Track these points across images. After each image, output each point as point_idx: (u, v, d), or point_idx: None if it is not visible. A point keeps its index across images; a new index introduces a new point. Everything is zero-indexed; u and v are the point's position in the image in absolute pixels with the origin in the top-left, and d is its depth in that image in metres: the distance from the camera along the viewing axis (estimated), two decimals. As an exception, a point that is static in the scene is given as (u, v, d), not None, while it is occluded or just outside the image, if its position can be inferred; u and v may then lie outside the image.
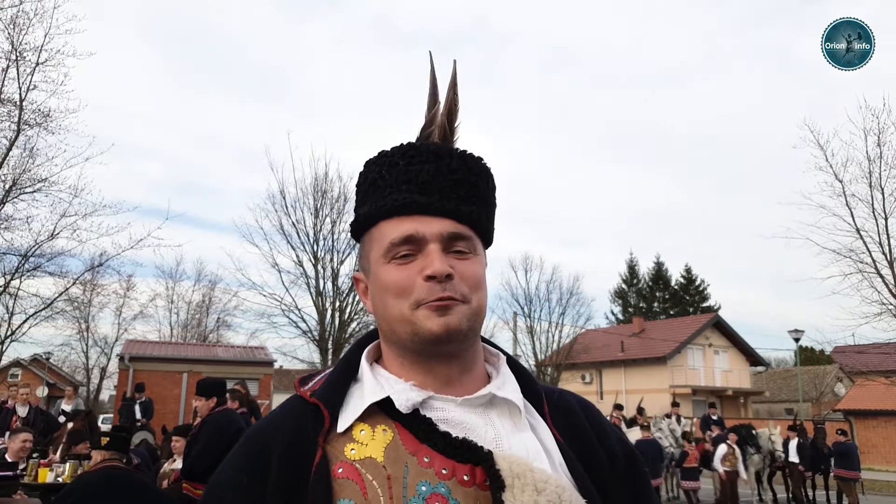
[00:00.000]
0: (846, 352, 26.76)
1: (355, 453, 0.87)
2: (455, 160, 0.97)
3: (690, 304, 51.49)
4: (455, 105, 1.04)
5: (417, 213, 0.93)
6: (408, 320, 0.91)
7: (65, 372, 36.41)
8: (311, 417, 0.91)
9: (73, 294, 19.34)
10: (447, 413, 0.91)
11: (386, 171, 0.97)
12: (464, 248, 0.94)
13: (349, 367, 0.99)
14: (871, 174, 16.07)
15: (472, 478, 0.85)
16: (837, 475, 12.78)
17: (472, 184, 0.97)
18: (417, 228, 0.92)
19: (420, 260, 0.92)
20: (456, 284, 0.91)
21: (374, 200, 0.97)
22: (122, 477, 4.13)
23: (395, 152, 0.98)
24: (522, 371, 1.03)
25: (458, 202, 0.94)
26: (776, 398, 39.31)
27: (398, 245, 0.92)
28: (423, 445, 0.87)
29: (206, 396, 5.42)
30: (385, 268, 0.93)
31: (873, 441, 25.17)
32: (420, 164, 0.95)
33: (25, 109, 14.61)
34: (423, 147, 0.98)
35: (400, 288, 0.91)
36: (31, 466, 6.55)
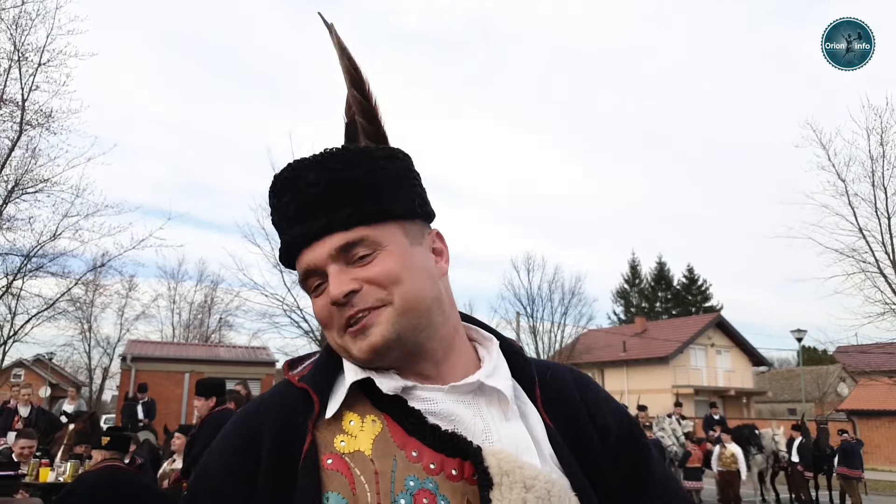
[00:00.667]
0: (849, 352, 26.72)
1: (345, 445, 0.86)
2: (312, 172, 0.91)
3: (693, 303, 51.43)
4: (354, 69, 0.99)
5: (304, 246, 0.91)
6: (342, 347, 0.91)
7: (67, 372, 36.49)
8: (300, 402, 0.90)
9: (75, 294, 19.40)
10: (435, 404, 0.89)
11: (272, 215, 0.96)
12: (363, 251, 0.89)
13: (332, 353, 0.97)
14: (874, 173, 16.07)
15: (461, 472, 0.84)
16: (840, 473, 12.76)
17: (337, 185, 0.90)
18: (309, 261, 0.90)
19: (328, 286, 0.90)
20: (366, 294, 0.88)
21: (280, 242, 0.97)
22: (122, 477, 4.13)
23: (269, 191, 0.96)
24: (516, 354, 1.00)
25: (330, 213, 0.89)
26: (779, 398, 39.27)
27: (305, 281, 0.93)
28: (411, 438, 0.86)
29: (206, 396, 5.44)
30: (312, 300, 0.93)
31: (876, 441, 25.11)
32: (282, 196, 0.93)
33: (28, 110, 14.66)
34: (282, 175, 0.94)
35: (321, 318, 0.92)
36: (32, 466, 6.55)
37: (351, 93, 0.98)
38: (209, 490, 0.88)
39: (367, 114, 0.98)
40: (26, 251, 15.40)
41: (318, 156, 0.93)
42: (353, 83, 0.98)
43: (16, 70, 14.45)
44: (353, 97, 0.98)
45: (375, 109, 0.99)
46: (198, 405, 5.43)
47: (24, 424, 9.86)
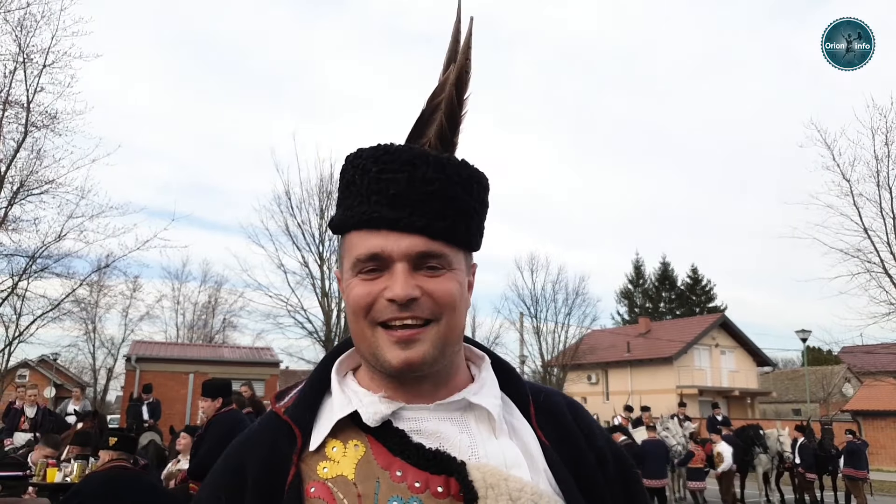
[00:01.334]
0: (854, 352, 26.68)
1: (327, 472, 0.86)
2: (431, 170, 0.88)
3: (697, 304, 51.31)
4: (466, 72, 0.95)
5: (386, 228, 0.87)
6: (369, 341, 0.89)
7: (72, 373, 36.58)
8: (285, 434, 0.90)
9: (80, 295, 19.44)
10: (420, 423, 0.89)
11: (358, 177, 0.90)
12: (436, 264, 0.88)
13: (320, 381, 0.97)
14: (879, 173, 16.00)
15: (447, 489, 0.84)
16: (846, 474, 12.73)
17: (449, 196, 0.89)
18: (384, 246, 0.87)
19: (386, 278, 0.87)
20: (422, 305, 0.86)
21: (346, 207, 0.92)
22: (129, 477, 4.15)
23: (368, 155, 0.90)
24: (508, 372, 1.00)
25: (431, 218, 0.87)
26: (783, 399, 39.15)
27: (364, 261, 0.88)
28: (396, 458, 0.86)
29: (212, 397, 5.46)
30: (352, 281, 0.90)
31: (882, 442, 25.04)
32: (392, 173, 0.88)
33: (33, 111, 14.71)
34: (398, 153, 0.89)
35: (359, 305, 0.88)
36: (39, 466, 6.58)
37: (450, 90, 0.93)
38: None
39: (452, 118, 0.94)
40: (31, 252, 15.46)
41: (440, 157, 0.90)
42: (458, 82, 0.94)
43: (21, 71, 14.52)
44: (450, 96, 0.93)
45: (462, 119, 0.96)
46: (204, 406, 5.45)
47: (31, 425, 9.91)
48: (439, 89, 0.95)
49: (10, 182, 14.82)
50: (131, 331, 33.04)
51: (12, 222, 15.12)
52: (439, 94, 0.95)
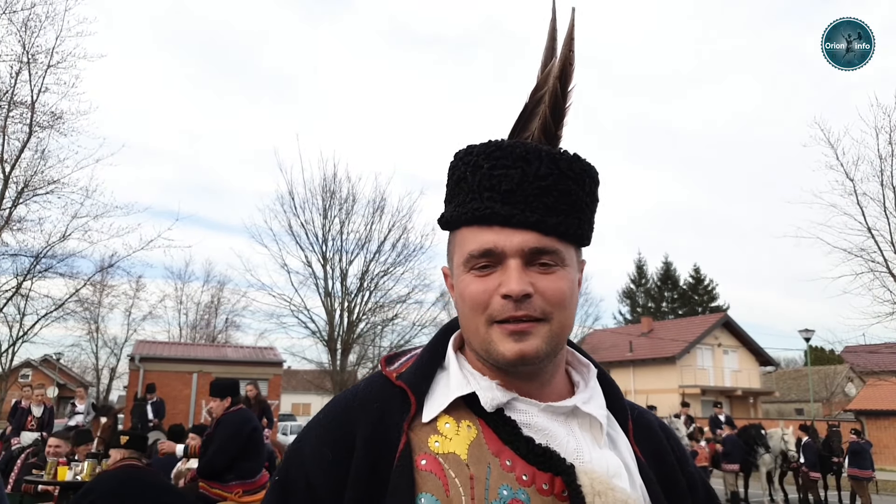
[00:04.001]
0: (857, 351, 26.60)
1: (439, 446, 0.86)
2: (544, 165, 0.87)
3: (699, 303, 51.29)
4: (570, 64, 0.93)
5: (498, 224, 0.86)
6: (482, 337, 0.88)
7: (75, 373, 36.64)
8: (397, 401, 0.89)
9: (83, 295, 19.50)
10: (530, 417, 0.89)
11: (469, 173, 0.90)
12: (549, 261, 0.87)
13: (436, 352, 0.96)
14: (883, 172, 15.92)
15: (551, 487, 0.83)
16: (851, 474, 12.72)
17: (562, 191, 0.88)
18: (497, 242, 0.86)
19: (499, 273, 0.87)
20: (535, 303, 0.86)
21: (458, 202, 0.92)
22: (141, 475, 4.17)
23: (480, 151, 0.90)
24: (610, 385, 1.01)
25: (544, 213, 0.87)
26: (786, 398, 39.13)
27: (476, 257, 0.88)
28: (505, 447, 0.86)
29: (221, 397, 5.46)
30: (464, 277, 0.90)
31: (885, 441, 25.01)
32: (504, 168, 0.87)
33: (37, 111, 14.77)
34: (510, 148, 0.89)
35: (476, 302, 0.88)
36: (50, 464, 6.61)
37: (554, 83, 0.92)
38: (302, 480, 0.88)
39: (556, 112, 0.93)
40: (36, 252, 15.51)
41: (553, 152, 0.89)
42: (561, 75, 0.92)
43: (25, 72, 14.57)
44: (553, 89, 0.92)
45: (566, 111, 0.94)
46: (212, 406, 5.46)
47: (38, 424, 9.95)
48: (542, 82, 0.94)
49: (15, 182, 14.89)
50: (134, 330, 33.06)
51: (17, 222, 15.18)
52: (542, 87, 0.94)
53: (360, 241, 20.39)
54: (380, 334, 21.18)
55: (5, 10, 14.09)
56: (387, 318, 20.83)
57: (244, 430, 5.23)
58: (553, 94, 0.92)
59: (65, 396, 28.24)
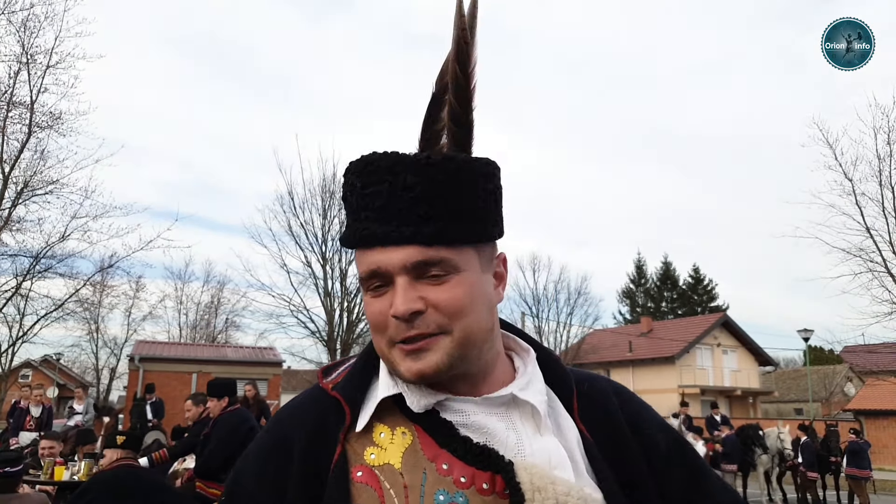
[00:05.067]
0: (856, 351, 26.61)
1: (375, 458, 0.86)
2: (411, 174, 0.83)
3: (699, 303, 51.30)
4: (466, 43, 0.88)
5: (378, 244, 0.84)
6: (386, 357, 0.88)
7: (75, 373, 36.64)
8: (332, 412, 0.90)
9: (83, 295, 19.49)
10: (467, 416, 0.88)
11: (349, 193, 0.88)
12: (438, 271, 0.84)
13: (369, 361, 0.95)
14: (881, 173, 15.97)
15: (492, 486, 0.82)
16: (849, 474, 12.73)
17: (435, 196, 0.83)
18: (380, 262, 0.84)
19: (391, 293, 0.85)
20: (429, 318, 0.83)
21: (347, 224, 0.90)
22: (138, 475, 4.18)
23: (354, 170, 0.87)
24: (553, 364, 0.98)
25: (419, 224, 0.83)
26: (785, 398, 39.14)
27: (367, 279, 0.87)
28: (442, 451, 0.85)
29: (218, 397, 5.49)
30: (365, 297, 0.89)
31: (884, 441, 25.03)
32: (375, 185, 0.84)
33: (36, 112, 14.79)
34: (378, 162, 0.85)
35: (375, 324, 0.87)
36: (46, 464, 6.62)
37: (452, 66, 0.88)
38: (245, 493, 0.90)
39: (461, 95, 0.89)
40: (35, 252, 15.55)
41: (420, 158, 0.85)
42: (458, 56, 0.88)
43: (25, 72, 14.60)
44: (454, 72, 0.88)
45: (471, 93, 0.89)
46: (210, 405, 5.49)
47: (36, 425, 9.97)
48: (444, 69, 0.92)
49: (15, 182, 14.93)
50: (134, 331, 33.10)
51: (16, 222, 15.22)
52: (444, 74, 0.91)
53: (359, 241, 20.42)
54: (379, 334, 21.20)
55: (4, 10, 14.16)
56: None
57: (241, 429, 5.26)
58: (454, 77, 0.88)
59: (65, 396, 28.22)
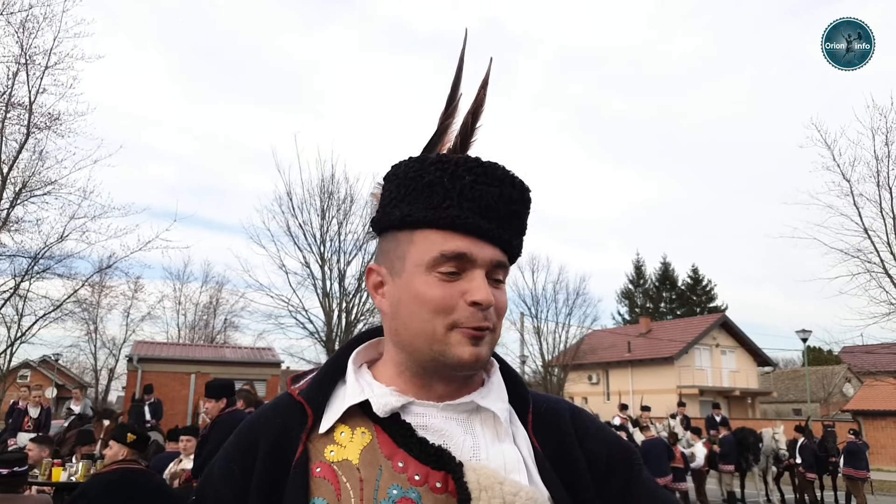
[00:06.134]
0: (854, 352, 26.68)
1: (334, 455, 0.90)
2: (515, 190, 0.95)
3: (697, 304, 51.29)
4: (481, 105, 1.01)
5: (475, 235, 0.91)
6: (439, 339, 0.90)
7: (73, 373, 36.60)
8: (297, 415, 0.95)
9: (81, 296, 19.37)
10: (427, 420, 0.93)
11: (448, 180, 0.92)
12: (501, 277, 0.95)
13: (335, 368, 1.01)
14: (879, 173, 15.94)
15: (445, 485, 0.87)
16: (845, 474, 12.74)
17: (522, 216, 0.98)
18: (471, 250, 0.91)
19: (463, 282, 0.90)
20: (491, 313, 0.92)
21: (427, 205, 0.92)
22: (138, 476, 4.20)
23: (461, 163, 0.93)
24: (514, 379, 1.04)
25: (511, 233, 0.95)
26: (784, 398, 39.16)
27: (448, 259, 0.90)
28: (399, 450, 0.90)
29: (216, 398, 5.48)
30: (425, 278, 0.91)
31: (882, 441, 25.05)
32: (486, 185, 0.92)
33: (35, 112, 14.74)
34: (491, 167, 0.94)
35: (440, 306, 0.90)
36: (44, 465, 6.62)
37: (466, 118, 1.00)
38: (213, 493, 0.96)
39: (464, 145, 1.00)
40: (33, 253, 15.48)
41: (521, 180, 0.97)
42: (473, 113, 1.00)
43: (23, 73, 14.57)
44: (465, 124, 1.00)
45: (470, 145, 1.01)
46: (208, 406, 5.49)
47: (34, 426, 9.97)
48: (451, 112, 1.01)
49: (13, 183, 14.87)
50: (132, 331, 33.05)
51: (15, 223, 15.16)
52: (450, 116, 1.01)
53: (358, 241, 20.41)
54: (378, 335, 21.19)
55: (3, 11, 14.11)
56: (385, 319, 20.84)
57: (239, 430, 5.26)
58: (464, 128, 1.00)
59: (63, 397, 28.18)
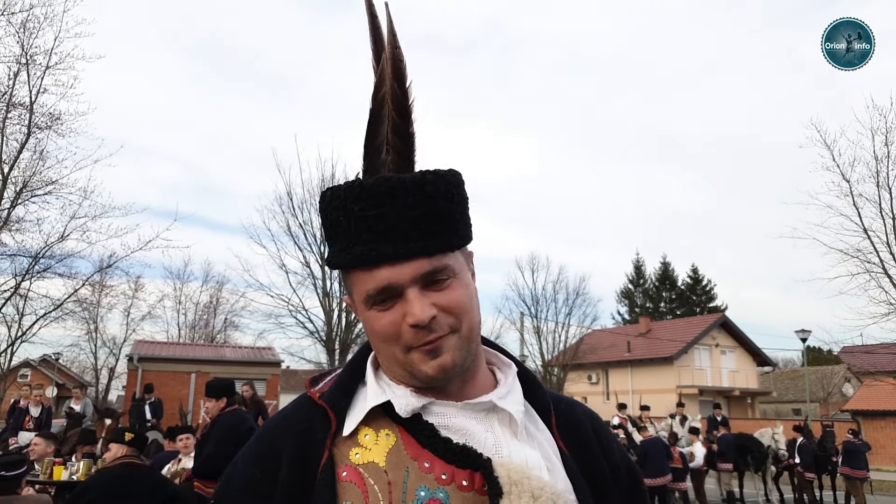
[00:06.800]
0: (854, 352, 26.66)
1: (359, 457, 0.91)
2: (412, 195, 0.89)
3: (697, 304, 51.28)
4: (400, 60, 0.95)
5: (387, 262, 0.89)
6: (402, 362, 0.92)
7: (74, 372, 36.61)
8: (319, 419, 0.95)
9: (82, 295, 19.42)
10: (448, 419, 0.93)
11: (343, 217, 0.91)
12: (441, 277, 0.91)
13: (355, 371, 1.01)
14: (879, 174, 15.98)
15: (471, 483, 0.88)
16: (843, 473, 12.76)
17: (434, 213, 0.90)
18: (391, 278, 0.89)
19: (401, 304, 0.90)
20: (441, 320, 0.90)
21: (340, 246, 0.92)
22: (140, 472, 4.23)
23: (346, 195, 0.91)
24: (531, 381, 1.05)
25: (426, 240, 0.89)
26: (783, 398, 39.17)
27: (375, 295, 0.91)
28: (424, 450, 0.90)
29: (217, 397, 5.50)
30: (369, 313, 0.92)
31: (881, 441, 25.07)
32: (376, 208, 0.88)
33: (36, 112, 14.78)
34: (374, 187, 0.89)
35: (388, 335, 0.91)
36: (45, 464, 6.64)
37: (391, 84, 0.94)
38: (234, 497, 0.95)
39: (402, 110, 0.95)
40: (34, 252, 15.53)
41: (414, 179, 0.90)
42: (395, 74, 0.95)
43: (24, 73, 14.60)
44: (392, 89, 0.94)
45: (411, 108, 0.96)
46: (208, 406, 5.50)
47: (35, 425, 9.99)
48: (379, 83, 0.96)
49: (14, 183, 14.92)
50: (133, 330, 33.05)
51: (15, 223, 15.21)
52: (380, 87, 0.95)
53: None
54: (378, 334, 21.21)
55: (4, 11, 14.15)
56: (385, 319, 20.86)
57: (240, 430, 5.27)
58: (393, 94, 0.94)
59: (63, 396, 28.18)
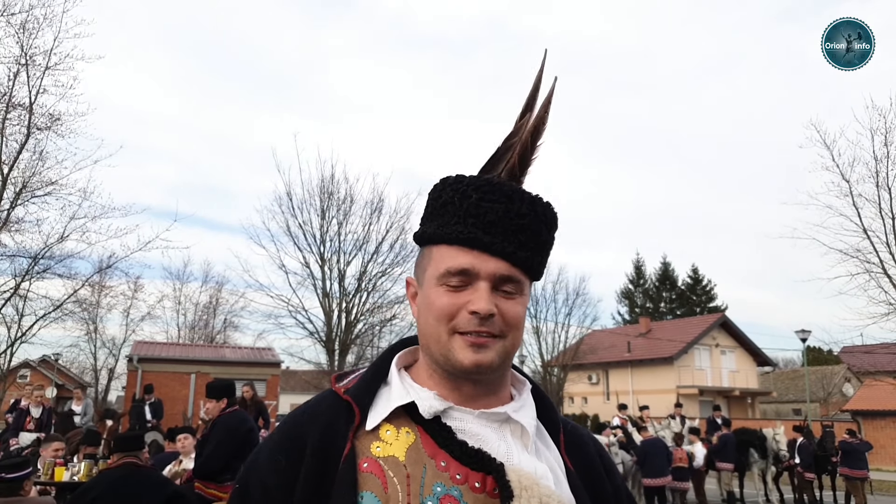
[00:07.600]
0: (854, 352, 26.69)
1: (380, 451, 0.96)
2: (525, 205, 1.00)
3: (697, 304, 51.29)
4: (543, 123, 1.07)
5: (478, 248, 0.98)
6: (443, 344, 0.99)
7: (73, 373, 36.59)
8: (343, 413, 1.00)
9: (81, 296, 19.40)
10: (465, 424, 0.99)
11: (458, 199, 1.00)
12: (511, 289, 1.00)
13: (379, 370, 1.07)
14: (878, 174, 15.98)
15: (483, 485, 0.93)
16: (842, 473, 12.77)
17: (534, 231, 1.01)
18: (474, 264, 0.98)
19: (469, 292, 0.98)
20: (496, 322, 0.97)
21: (441, 223, 1.02)
22: (141, 473, 4.23)
23: (471, 183, 1.02)
24: (544, 401, 1.11)
25: (517, 247, 0.99)
26: (784, 398, 39.18)
27: (452, 274, 0.98)
28: (441, 450, 0.96)
29: (217, 398, 5.50)
30: (435, 289, 1.00)
31: (881, 441, 25.07)
32: (491, 202, 0.99)
33: (35, 113, 14.75)
34: (499, 186, 1.01)
35: (444, 313, 0.98)
36: (47, 465, 6.64)
37: (526, 137, 1.05)
38: (258, 484, 1.00)
39: (524, 162, 1.06)
40: (34, 253, 15.50)
41: (534, 196, 1.02)
42: (533, 133, 1.06)
43: (24, 74, 14.58)
44: (525, 142, 1.05)
45: (531, 162, 1.07)
46: (209, 406, 5.50)
47: (36, 425, 9.99)
48: (516, 131, 1.07)
49: (13, 183, 14.89)
50: (132, 331, 33.03)
51: (15, 223, 15.18)
52: (515, 135, 1.07)
53: (357, 241, 20.47)
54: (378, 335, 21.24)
55: (3, 11, 14.12)
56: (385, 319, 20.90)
57: (240, 430, 5.28)
58: (524, 145, 1.06)
59: (63, 397, 28.21)
